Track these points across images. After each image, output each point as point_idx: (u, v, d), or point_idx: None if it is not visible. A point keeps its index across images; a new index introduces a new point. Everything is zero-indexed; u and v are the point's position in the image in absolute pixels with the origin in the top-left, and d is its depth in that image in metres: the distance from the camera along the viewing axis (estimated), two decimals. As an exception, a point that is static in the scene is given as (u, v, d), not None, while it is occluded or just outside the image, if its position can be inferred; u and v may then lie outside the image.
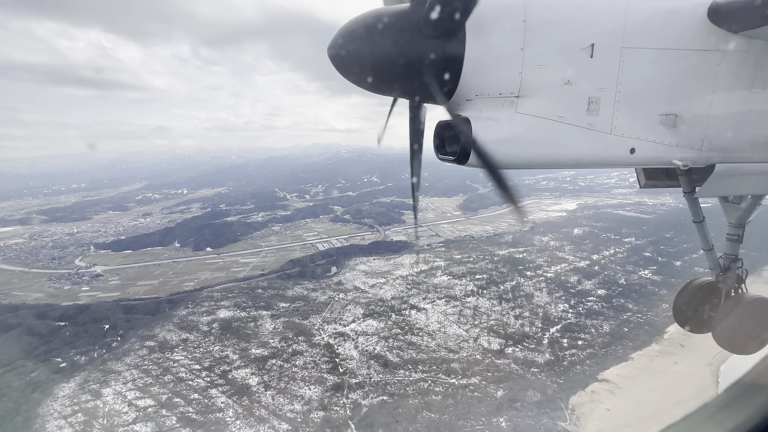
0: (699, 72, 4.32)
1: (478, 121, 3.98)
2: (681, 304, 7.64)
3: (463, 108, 4.16)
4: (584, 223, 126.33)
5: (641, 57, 4.14)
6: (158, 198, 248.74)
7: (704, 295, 7.42)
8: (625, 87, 4.18)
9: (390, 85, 4.07)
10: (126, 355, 61.48)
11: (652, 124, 4.38)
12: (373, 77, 3.93)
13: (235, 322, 70.88)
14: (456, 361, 57.97)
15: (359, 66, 3.87)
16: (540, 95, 4.05)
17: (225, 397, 51.25)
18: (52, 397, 52.96)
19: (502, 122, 4.00)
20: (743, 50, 4.29)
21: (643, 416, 44.46)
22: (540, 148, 4.15)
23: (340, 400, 51.31)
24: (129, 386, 53.54)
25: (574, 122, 4.15)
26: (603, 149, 4.32)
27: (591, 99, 4.14)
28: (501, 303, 74.61)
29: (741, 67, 4.37)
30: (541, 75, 4.01)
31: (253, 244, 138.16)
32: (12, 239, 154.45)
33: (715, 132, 4.56)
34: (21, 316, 76.51)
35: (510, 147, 4.06)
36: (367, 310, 74.27)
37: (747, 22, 4.03)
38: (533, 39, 3.90)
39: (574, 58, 4.03)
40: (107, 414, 48.56)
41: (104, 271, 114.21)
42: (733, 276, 6.97)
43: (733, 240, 6.87)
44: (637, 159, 4.45)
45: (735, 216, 6.69)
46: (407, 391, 52.26)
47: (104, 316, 76.19)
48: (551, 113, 4.09)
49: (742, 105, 4.56)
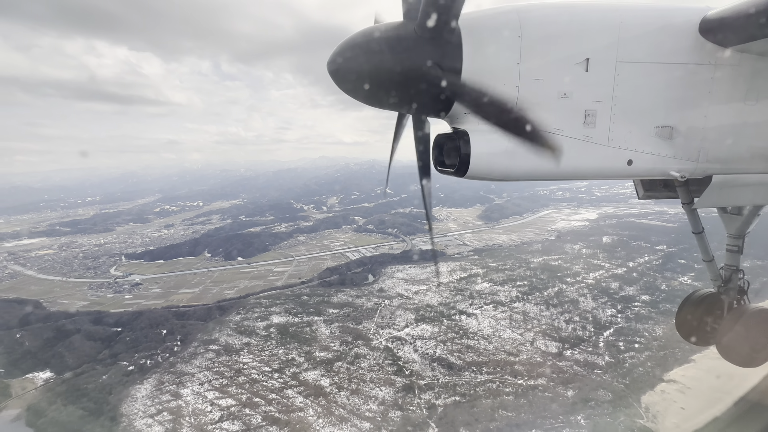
0: (693, 85, 4.42)
1: (476, 134, 4.08)
2: (683, 316, 7.49)
3: (461, 121, 4.28)
4: (610, 232, 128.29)
5: (636, 70, 4.25)
6: (176, 210, 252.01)
7: (707, 307, 7.25)
8: (621, 100, 4.27)
9: (388, 98, 4.09)
10: (193, 358, 63.05)
11: (649, 136, 4.45)
12: (372, 90, 4.01)
13: (291, 326, 72.52)
14: (518, 363, 59.38)
15: (358, 80, 3.97)
16: (537, 108, 4.11)
17: (302, 398, 52.70)
18: (131, 397, 54.45)
19: (499, 135, 4.03)
20: (735, 64, 4.40)
21: (716, 414, 45.53)
22: (538, 160, 4.11)
23: (414, 400, 52.68)
24: (206, 387, 55.06)
25: (572, 135, 4.24)
26: (600, 161, 4.40)
27: (587, 112, 4.24)
28: (548, 308, 76.15)
29: (734, 80, 4.46)
30: (538, 88, 4.12)
31: (283, 253, 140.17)
32: (42, 250, 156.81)
33: (711, 144, 4.62)
34: (77, 322, 78.33)
35: (508, 159, 4.14)
36: (418, 315, 75.87)
37: (737, 36, 4.14)
38: (529, 53, 4.02)
39: (569, 71, 4.15)
40: (192, 413, 50.00)
41: (142, 280, 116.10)
42: (735, 287, 6.90)
43: (733, 251, 6.84)
44: (634, 171, 4.53)
45: (734, 227, 6.70)
46: (477, 391, 53.64)
47: (158, 322, 77.95)
48: (548, 126, 4.15)
49: (736, 117, 4.63)
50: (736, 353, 6.27)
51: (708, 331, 7.16)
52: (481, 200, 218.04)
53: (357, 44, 3.91)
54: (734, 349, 6.30)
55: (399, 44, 3.86)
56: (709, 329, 7.13)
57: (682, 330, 7.54)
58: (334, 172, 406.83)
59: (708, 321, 7.14)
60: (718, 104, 4.49)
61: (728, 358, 6.31)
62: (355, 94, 4.11)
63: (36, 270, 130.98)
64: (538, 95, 4.12)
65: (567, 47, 4.11)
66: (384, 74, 3.88)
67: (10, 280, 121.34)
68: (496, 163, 4.11)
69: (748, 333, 6.18)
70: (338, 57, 3.92)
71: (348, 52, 3.91)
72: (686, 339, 7.55)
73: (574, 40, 4.15)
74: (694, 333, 7.35)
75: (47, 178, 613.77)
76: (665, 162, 4.55)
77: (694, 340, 7.40)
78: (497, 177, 4.20)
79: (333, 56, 3.96)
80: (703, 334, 7.23)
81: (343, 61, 3.92)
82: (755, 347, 6.12)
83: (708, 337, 7.19)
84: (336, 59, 3.94)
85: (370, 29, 3.99)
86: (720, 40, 4.21)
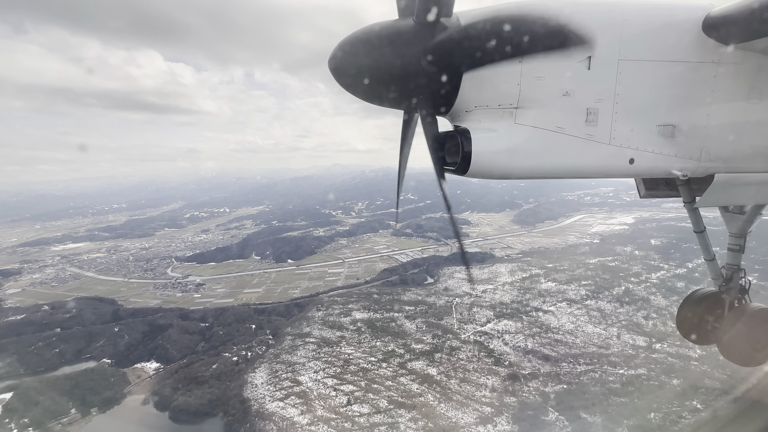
0: (696, 83, 4.41)
1: (478, 132, 4.07)
2: (684, 315, 7.49)
3: (462, 119, 4.29)
4: (656, 235, 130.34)
5: (638, 69, 4.24)
6: (206, 216, 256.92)
7: (708, 306, 7.28)
8: (623, 98, 4.26)
9: (388, 94, 4.12)
10: (295, 350, 66.12)
11: (651, 134, 4.44)
12: (372, 86, 4.03)
13: (376, 321, 75.45)
14: (611, 355, 61.71)
15: (358, 75, 3.99)
16: (539, 106, 4.15)
17: (416, 385, 55.45)
18: (250, 384, 57.48)
19: (501, 133, 4.09)
20: (738, 62, 4.39)
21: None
22: (539, 158, 4.21)
23: (522, 387, 55.20)
24: (321, 375, 58.03)
25: (573, 133, 4.24)
26: (602, 159, 4.40)
27: (589, 110, 4.23)
28: (622, 305, 78.45)
29: (737, 78, 4.45)
30: (540, 86, 4.11)
31: (330, 256, 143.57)
32: (91, 254, 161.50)
33: (714, 142, 4.61)
34: (166, 317, 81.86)
35: (509, 157, 4.15)
36: (496, 312, 78.49)
37: (741, 35, 4.11)
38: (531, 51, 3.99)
39: (571, 70, 4.14)
40: (318, 397, 52.88)
41: (203, 281, 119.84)
42: (736, 286, 6.93)
43: (734, 250, 6.87)
44: (636, 169, 4.52)
45: (736, 226, 6.72)
46: (582, 380, 56.04)
47: (243, 317, 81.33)
48: (550, 124, 4.18)
49: (739, 116, 4.62)
50: (737, 352, 6.33)
51: (709, 330, 7.22)
52: (510, 205, 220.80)
53: (357, 39, 3.95)
54: (735, 348, 6.34)
55: (399, 38, 3.90)
56: (710, 328, 7.19)
57: (683, 329, 7.54)
58: (351, 179, 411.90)
59: (709, 320, 7.20)
60: (721, 102, 4.50)
61: (729, 357, 6.36)
62: (354, 90, 4.14)
63: (95, 272, 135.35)
64: (540, 93, 4.14)
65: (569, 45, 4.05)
66: (383, 69, 3.92)
67: (74, 281, 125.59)
68: (497, 161, 4.11)
69: (749, 332, 6.22)
70: (339, 52, 3.98)
71: (348, 47, 3.96)
72: (687, 338, 7.55)
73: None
74: (695, 332, 7.38)
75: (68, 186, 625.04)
76: (667, 160, 4.54)
77: (695, 339, 7.41)
78: (498, 175, 4.19)
79: (333, 52, 4.00)
80: (704, 333, 7.29)
81: (343, 56, 3.97)
82: (756, 346, 6.14)
83: (709, 336, 7.25)
84: (336, 54, 3.99)
85: (371, 25, 4.04)
86: (723, 37, 4.20)
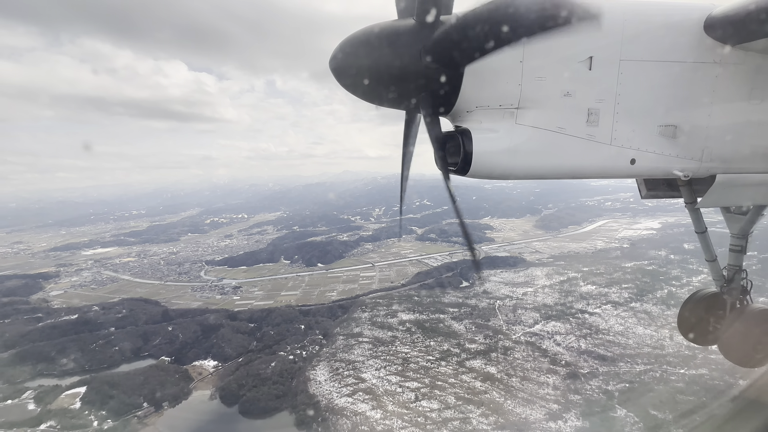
0: (697, 83, 4.40)
1: (479, 132, 4.09)
2: (685, 315, 7.47)
3: (463, 119, 4.30)
4: (687, 239, 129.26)
5: (639, 69, 4.25)
6: (225, 222, 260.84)
7: (709, 307, 7.26)
8: (624, 98, 4.27)
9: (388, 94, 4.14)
10: (351, 349, 67.46)
11: (652, 135, 4.45)
12: (372, 85, 4.06)
13: (424, 322, 76.56)
14: (668, 355, 61.93)
15: (358, 75, 4.04)
16: (540, 107, 4.17)
17: (479, 382, 56.35)
18: (313, 381, 58.84)
19: (502, 133, 4.11)
20: (740, 62, 4.38)
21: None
22: (540, 158, 4.22)
23: (584, 385, 55.75)
24: (383, 372, 59.21)
25: (574, 133, 4.25)
26: (603, 160, 4.40)
27: (590, 110, 4.24)
28: (669, 308, 78.45)
29: (738, 79, 4.45)
30: (541, 87, 4.13)
31: (359, 260, 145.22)
32: (123, 258, 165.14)
33: (715, 143, 4.60)
34: (217, 318, 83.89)
35: (510, 157, 4.16)
36: (542, 314, 79.13)
37: (742, 35, 4.11)
38: (532, 52, 4.01)
39: (572, 70, 4.15)
40: (386, 393, 54.04)
41: (238, 284, 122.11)
42: (738, 287, 6.90)
43: (736, 251, 6.85)
44: (637, 170, 4.52)
45: (738, 227, 6.72)
46: (644, 379, 56.42)
47: (290, 318, 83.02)
48: (551, 124, 4.19)
49: (740, 116, 4.62)
50: (738, 353, 6.33)
51: (710, 331, 7.22)
52: (530, 211, 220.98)
53: (357, 40, 3.99)
54: (736, 348, 6.35)
55: (398, 39, 3.94)
56: (712, 329, 7.19)
57: (684, 329, 7.52)
58: (363, 186, 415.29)
59: (710, 321, 7.19)
60: (723, 103, 4.50)
61: (730, 358, 6.36)
62: (354, 90, 4.16)
63: (130, 275, 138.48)
64: (541, 94, 4.15)
65: (571, 45, 4.09)
66: (383, 69, 3.96)
67: (112, 283, 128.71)
68: (498, 162, 4.12)
69: (750, 333, 6.23)
70: (339, 53, 4.01)
71: (348, 47, 3.99)
72: (688, 338, 7.53)
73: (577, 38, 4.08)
74: (696, 332, 7.36)
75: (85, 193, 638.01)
76: (668, 161, 4.55)
77: (696, 339, 7.39)
78: (498, 176, 4.22)
79: (334, 52, 4.03)
80: (705, 334, 7.29)
81: (344, 56, 4.01)
82: (757, 347, 6.13)
83: (710, 337, 7.26)
84: (337, 55, 4.02)
85: (371, 26, 4.08)
86: (725, 38, 4.21)
